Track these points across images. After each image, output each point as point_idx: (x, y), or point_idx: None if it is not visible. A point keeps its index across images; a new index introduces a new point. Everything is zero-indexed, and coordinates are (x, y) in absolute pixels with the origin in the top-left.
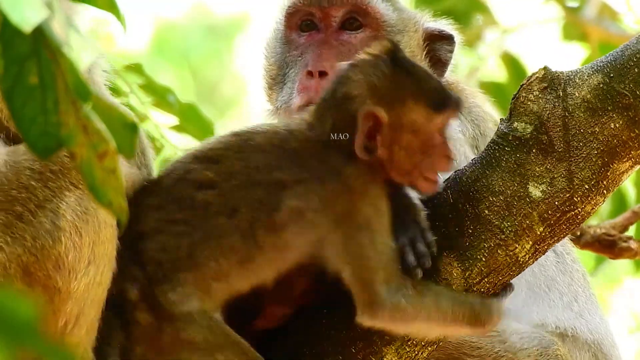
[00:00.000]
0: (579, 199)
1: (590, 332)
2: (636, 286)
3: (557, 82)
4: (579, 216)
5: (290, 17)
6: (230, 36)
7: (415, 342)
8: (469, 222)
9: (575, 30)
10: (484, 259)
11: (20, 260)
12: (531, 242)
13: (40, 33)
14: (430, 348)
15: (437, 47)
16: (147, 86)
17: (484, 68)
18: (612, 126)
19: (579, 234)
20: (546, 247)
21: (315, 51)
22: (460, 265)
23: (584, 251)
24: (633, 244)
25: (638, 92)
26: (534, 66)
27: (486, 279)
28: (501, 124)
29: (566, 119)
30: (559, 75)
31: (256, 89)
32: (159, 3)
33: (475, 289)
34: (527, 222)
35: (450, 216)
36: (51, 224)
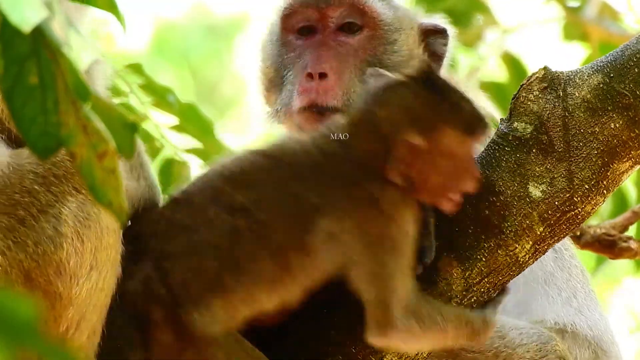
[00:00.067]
0: (579, 199)
1: (590, 329)
2: (636, 286)
3: (557, 82)
4: (579, 216)
5: (286, 19)
6: (230, 36)
7: None
8: (469, 222)
9: (575, 30)
10: (484, 259)
11: (21, 265)
12: (531, 242)
13: (40, 33)
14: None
15: (432, 42)
16: (147, 86)
17: (484, 68)
18: (612, 126)
19: (579, 234)
20: (546, 247)
21: (313, 53)
22: (460, 265)
23: (584, 251)
24: (633, 244)
25: (638, 92)
26: (534, 66)
27: (486, 279)
28: (501, 124)
29: (566, 119)
30: (559, 75)
31: (255, 90)
32: (159, 3)
33: (475, 289)
34: (527, 222)
35: (450, 216)
36: (53, 229)
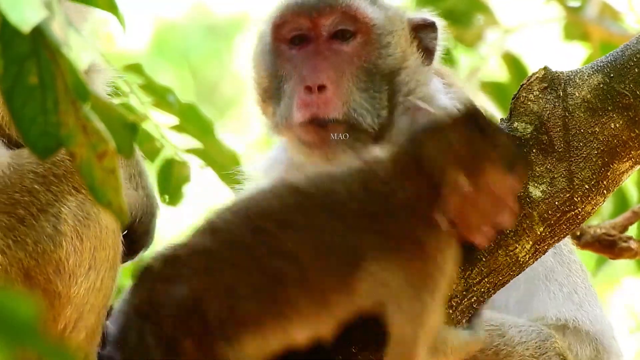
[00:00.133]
0: (579, 199)
1: (592, 324)
2: (636, 286)
3: (557, 82)
4: (579, 216)
5: (277, 29)
6: (230, 36)
7: None
8: None
9: (576, 30)
10: (483, 259)
11: (21, 264)
12: (531, 242)
13: (39, 33)
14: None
15: (423, 37)
16: (147, 86)
17: (485, 68)
18: (612, 126)
19: (579, 234)
20: (546, 247)
21: (309, 64)
22: (459, 265)
23: (584, 251)
24: (633, 244)
25: (638, 92)
26: (535, 66)
27: (486, 279)
28: (501, 124)
29: (566, 119)
30: (559, 75)
31: (250, 97)
32: (159, 3)
33: (475, 289)
34: (527, 222)
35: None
36: (53, 228)
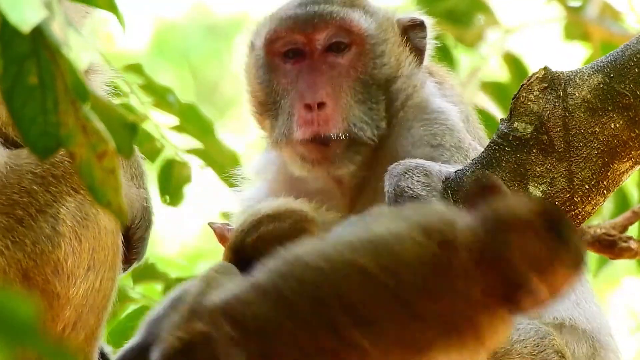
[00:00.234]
0: (579, 199)
1: (588, 321)
2: (636, 286)
3: (557, 82)
4: (580, 216)
5: (271, 44)
6: (230, 36)
7: None
8: None
9: (577, 30)
10: None
11: (19, 264)
12: None
13: (39, 33)
14: None
15: (412, 37)
16: (147, 86)
17: (485, 68)
18: (612, 126)
19: None
20: None
21: (307, 80)
22: None
23: None
24: (633, 244)
25: (638, 92)
26: (535, 66)
27: None
28: (501, 124)
29: (566, 119)
30: (559, 75)
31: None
32: (159, 3)
33: None
34: None
35: None
36: (51, 229)
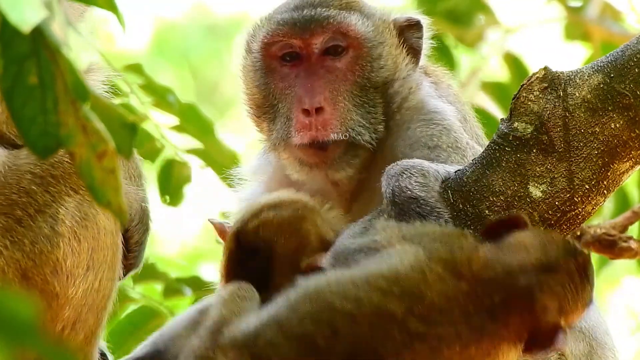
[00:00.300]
0: (579, 199)
1: (584, 320)
2: (636, 286)
3: (557, 82)
4: (580, 216)
5: (268, 47)
6: (230, 36)
7: None
8: (469, 223)
9: (577, 30)
10: None
11: (18, 264)
12: None
13: (39, 33)
14: None
15: (409, 37)
16: (147, 86)
17: (486, 68)
18: (613, 126)
19: (579, 234)
20: None
21: (304, 84)
22: None
23: None
24: (633, 244)
25: (638, 92)
26: (536, 66)
27: None
28: (502, 124)
29: (566, 119)
30: (559, 75)
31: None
32: (159, 3)
33: None
34: None
35: (451, 216)
36: (50, 229)
